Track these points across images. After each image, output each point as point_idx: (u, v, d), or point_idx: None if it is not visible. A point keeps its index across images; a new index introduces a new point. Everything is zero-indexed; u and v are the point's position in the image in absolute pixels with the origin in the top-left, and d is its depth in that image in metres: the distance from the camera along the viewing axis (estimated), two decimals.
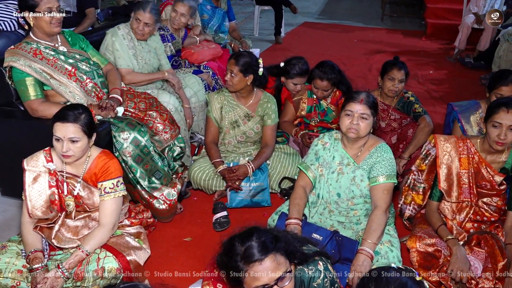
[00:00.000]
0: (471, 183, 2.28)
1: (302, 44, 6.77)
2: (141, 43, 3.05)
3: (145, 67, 3.07)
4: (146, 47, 3.07)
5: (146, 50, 3.07)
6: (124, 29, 3.00)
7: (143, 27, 2.96)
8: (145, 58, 3.05)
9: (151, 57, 3.10)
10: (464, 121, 2.81)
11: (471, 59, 5.87)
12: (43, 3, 2.34)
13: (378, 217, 2.09)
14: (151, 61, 3.10)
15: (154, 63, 3.14)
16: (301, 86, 3.16)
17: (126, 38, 2.97)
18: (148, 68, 3.09)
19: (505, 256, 2.09)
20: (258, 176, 2.73)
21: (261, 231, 1.37)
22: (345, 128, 2.16)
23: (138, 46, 3.02)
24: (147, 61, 3.07)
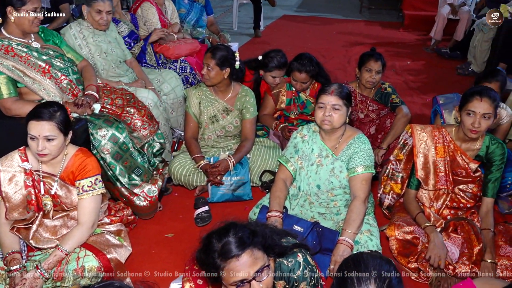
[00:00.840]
0: (447, 171, 2.33)
1: (282, 37, 6.77)
2: (99, 36, 2.97)
3: (107, 60, 2.99)
4: (105, 39, 2.99)
5: (106, 41, 2.99)
6: (76, 27, 2.91)
7: (107, 16, 2.90)
8: (106, 50, 2.97)
9: (113, 48, 3.03)
10: (447, 114, 2.85)
11: (448, 49, 5.97)
12: (30, 3, 2.31)
13: (357, 207, 2.12)
14: (114, 52, 3.03)
15: (118, 53, 3.07)
16: (279, 79, 3.16)
17: (78, 38, 2.89)
18: (112, 59, 3.02)
19: (480, 241, 2.15)
20: (239, 170, 2.73)
21: (238, 227, 1.37)
22: (319, 121, 2.18)
23: (94, 42, 2.93)
24: (110, 52, 2.99)
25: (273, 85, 3.18)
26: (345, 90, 2.18)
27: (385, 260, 1.25)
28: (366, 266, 1.20)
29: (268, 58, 3.13)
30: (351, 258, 1.27)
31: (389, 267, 1.21)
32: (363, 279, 1.17)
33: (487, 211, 2.26)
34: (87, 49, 2.91)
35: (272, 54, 3.14)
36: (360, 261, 1.22)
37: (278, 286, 1.55)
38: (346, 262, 1.25)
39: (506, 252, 2.17)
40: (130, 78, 3.13)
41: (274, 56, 3.12)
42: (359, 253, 1.28)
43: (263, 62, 3.16)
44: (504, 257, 2.15)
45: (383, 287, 1.16)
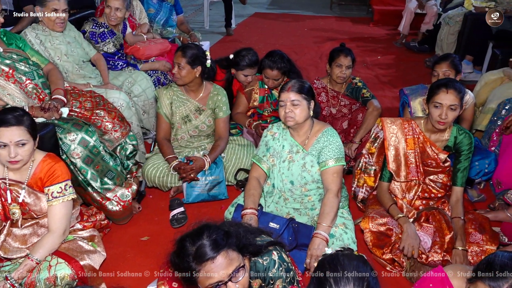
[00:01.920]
0: (418, 162, 2.38)
1: (254, 35, 6.77)
2: (57, 39, 2.88)
3: (69, 62, 2.92)
4: (63, 40, 2.91)
5: (65, 43, 2.92)
6: (31, 33, 2.82)
7: (63, 15, 2.85)
8: (66, 52, 2.90)
9: (73, 48, 2.96)
10: (413, 101, 2.91)
11: (416, 43, 6.09)
12: None
13: (330, 200, 2.14)
14: (75, 52, 2.96)
15: (80, 52, 3.00)
16: (251, 77, 3.16)
17: (35, 43, 2.80)
18: (74, 61, 2.95)
19: (451, 229, 2.20)
20: (214, 170, 2.71)
21: (212, 228, 1.36)
22: (283, 118, 2.20)
23: (52, 46, 2.86)
24: (71, 53, 2.92)
25: (245, 83, 3.18)
26: (303, 85, 2.19)
27: (362, 260, 1.27)
28: (343, 269, 1.21)
29: (239, 57, 3.12)
30: (327, 261, 1.27)
31: (365, 267, 1.23)
32: (341, 282, 1.18)
33: (457, 200, 2.32)
34: (47, 54, 2.83)
35: (243, 53, 3.13)
36: (337, 264, 1.23)
37: (254, 285, 1.55)
38: (323, 266, 1.25)
39: (476, 239, 2.23)
40: (99, 79, 3.07)
41: (245, 55, 3.11)
42: (334, 255, 1.29)
43: (234, 60, 3.15)
44: (474, 244, 2.21)
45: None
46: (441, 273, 1.53)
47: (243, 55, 3.12)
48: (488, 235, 2.24)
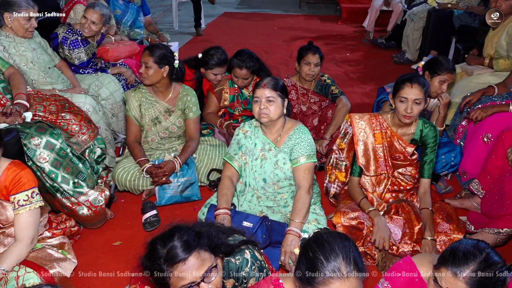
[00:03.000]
0: (386, 156, 2.43)
1: (224, 34, 6.76)
2: (22, 45, 2.80)
3: (35, 69, 2.84)
4: (29, 46, 2.84)
5: (30, 49, 2.84)
6: None
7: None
8: (32, 58, 2.82)
9: (39, 54, 2.88)
10: None
11: (383, 39, 6.22)
12: None
13: (302, 196, 2.16)
14: (41, 59, 2.88)
15: (45, 59, 2.93)
16: (221, 76, 3.16)
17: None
18: (41, 67, 2.88)
19: (420, 220, 2.26)
20: (186, 171, 2.69)
21: (183, 230, 1.35)
22: (257, 115, 2.20)
23: (17, 52, 2.78)
24: (36, 59, 2.85)
25: (215, 82, 3.17)
26: (278, 83, 2.21)
27: (343, 236, 1.30)
28: (330, 246, 1.24)
29: (208, 56, 3.11)
30: (312, 241, 1.30)
31: (349, 242, 1.27)
32: (331, 257, 1.21)
33: (425, 192, 2.38)
34: (12, 61, 2.74)
35: (212, 52, 3.13)
36: (323, 241, 1.26)
37: (228, 284, 1.55)
38: (310, 246, 1.28)
39: (443, 228, 2.30)
40: (64, 84, 3.00)
41: (214, 54, 3.11)
42: (318, 234, 1.31)
43: (203, 60, 3.14)
44: (442, 233, 2.28)
45: (350, 262, 1.21)
46: (409, 262, 1.58)
47: (212, 54, 3.11)
48: (455, 224, 2.31)
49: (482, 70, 3.43)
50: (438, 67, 2.70)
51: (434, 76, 2.71)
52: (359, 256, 1.26)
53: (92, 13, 3.22)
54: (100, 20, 3.28)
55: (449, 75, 2.70)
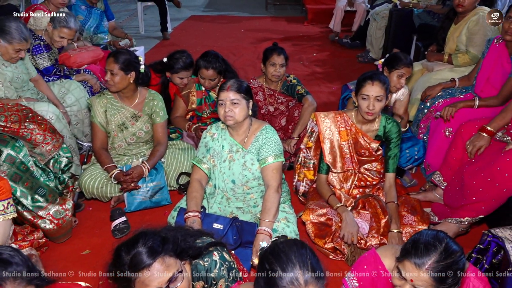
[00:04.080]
0: (352, 153, 2.49)
1: (191, 38, 6.74)
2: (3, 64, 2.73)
3: (11, 88, 2.76)
4: (12, 65, 2.78)
5: (13, 68, 2.78)
6: None
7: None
8: (11, 78, 2.76)
9: (19, 73, 2.82)
10: None
11: (348, 39, 6.34)
12: None
13: (271, 196, 2.19)
14: (20, 78, 2.82)
15: (24, 78, 2.87)
16: (187, 79, 3.15)
17: None
18: (17, 86, 2.81)
19: (386, 214, 2.33)
20: (154, 176, 2.67)
21: (148, 235, 1.35)
22: (222, 117, 2.21)
23: None
24: (15, 79, 2.79)
25: (181, 86, 3.16)
26: (242, 85, 2.23)
27: (299, 243, 1.31)
28: (287, 256, 1.24)
29: (173, 60, 3.10)
30: (269, 252, 1.30)
31: (305, 250, 1.28)
32: (288, 268, 1.21)
33: (390, 186, 2.45)
34: None
35: (177, 55, 3.12)
36: (279, 252, 1.27)
37: (197, 287, 1.55)
38: (267, 259, 1.28)
39: (408, 220, 2.37)
40: (30, 92, 2.92)
41: (179, 58, 3.10)
42: (274, 245, 1.32)
43: (168, 64, 3.13)
44: (407, 225, 2.35)
45: (307, 269, 1.22)
46: (373, 254, 1.62)
47: (177, 57, 3.11)
48: (419, 216, 2.38)
49: (442, 66, 3.55)
50: (395, 62, 2.82)
51: (392, 71, 2.82)
52: (317, 262, 1.27)
53: (68, 32, 3.18)
54: (73, 35, 3.25)
55: (406, 68, 2.80)
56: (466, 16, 3.35)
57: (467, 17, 3.35)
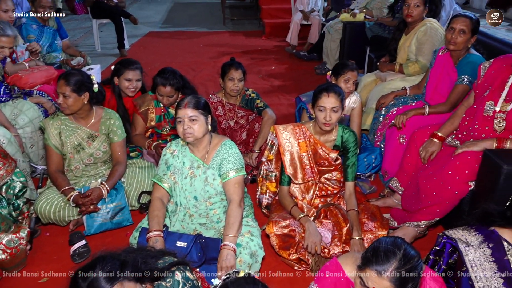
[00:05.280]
0: (312, 164, 2.53)
1: (149, 54, 6.68)
2: None
3: None
4: None
5: None
6: None
7: None
8: None
9: None
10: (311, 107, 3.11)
11: (306, 52, 6.48)
12: None
13: (234, 210, 2.19)
14: None
15: None
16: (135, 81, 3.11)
17: None
18: None
19: (347, 221, 2.38)
20: (114, 196, 2.61)
21: (106, 260, 1.30)
22: (181, 135, 2.21)
23: None
24: None
25: (131, 89, 3.10)
26: (200, 101, 2.23)
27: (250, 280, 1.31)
28: None
29: (119, 64, 3.11)
30: None
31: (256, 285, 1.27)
32: None
33: (350, 194, 2.51)
34: None
35: (122, 60, 3.15)
36: None
37: None
38: None
39: (369, 227, 2.43)
40: None
41: (123, 60, 3.14)
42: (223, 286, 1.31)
43: (115, 69, 3.11)
44: (368, 231, 2.40)
45: None
46: (335, 263, 1.65)
47: (122, 60, 3.13)
48: (379, 222, 2.45)
49: (394, 76, 3.70)
50: (340, 68, 2.99)
51: (339, 77, 2.96)
52: None
53: (7, 40, 3.01)
54: (12, 43, 3.10)
55: (350, 73, 2.94)
56: (416, 27, 3.53)
57: (416, 28, 3.52)
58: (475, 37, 2.80)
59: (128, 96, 3.19)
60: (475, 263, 1.72)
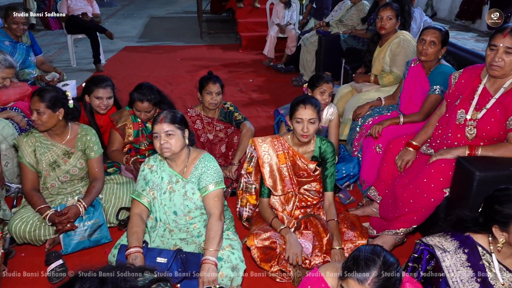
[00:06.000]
0: (291, 175, 2.55)
1: (126, 69, 6.64)
2: None
3: None
4: None
5: None
6: None
7: None
8: None
9: None
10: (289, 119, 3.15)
11: (283, 64, 6.56)
12: None
13: (214, 224, 2.18)
14: None
15: None
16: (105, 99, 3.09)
17: None
18: None
19: (327, 232, 2.39)
20: (92, 213, 2.56)
21: (84, 279, 1.27)
22: (159, 150, 2.20)
23: None
24: None
25: (102, 107, 3.08)
26: (176, 115, 2.22)
27: None
28: None
29: (89, 81, 3.09)
30: None
31: None
32: None
33: (329, 204, 2.54)
34: None
35: (92, 77, 3.14)
36: None
37: None
38: None
39: (349, 236, 2.45)
40: None
41: (94, 77, 3.12)
42: None
43: (86, 86, 3.09)
44: (348, 241, 2.43)
45: None
46: (317, 274, 1.66)
47: (93, 78, 3.12)
48: (358, 231, 2.48)
49: (369, 87, 3.78)
50: (315, 81, 3.05)
51: (314, 89, 3.01)
52: None
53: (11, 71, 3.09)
54: None
55: (325, 85, 2.99)
56: (389, 39, 3.62)
57: (390, 40, 3.62)
58: (445, 48, 2.90)
59: (100, 114, 3.16)
60: (452, 268, 1.75)
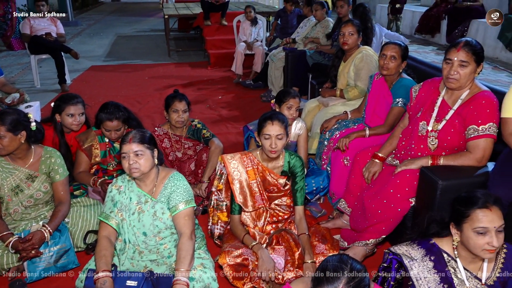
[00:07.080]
0: (261, 190, 2.56)
1: (92, 88, 6.54)
2: None
3: None
4: None
5: None
6: None
7: None
8: None
9: None
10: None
11: (251, 81, 6.63)
12: None
13: (185, 244, 2.15)
14: None
15: None
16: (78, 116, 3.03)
17: None
18: None
19: (299, 246, 2.40)
20: (58, 238, 2.48)
21: None
22: (127, 170, 2.17)
23: None
24: None
25: (75, 123, 3.02)
26: (145, 135, 2.21)
27: None
28: None
29: (58, 100, 3.03)
30: None
31: None
32: None
33: (300, 218, 2.55)
34: None
35: (61, 96, 3.07)
36: None
37: None
38: None
39: (320, 249, 2.47)
40: None
41: (63, 95, 3.05)
42: None
43: (56, 105, 3.02)
44: (320, 254, 2.44)
45: None
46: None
47: (62, 96, 3.05)
48: (329, 243, 2.50)
49: (336, 101, 3.86)
50: (282, 96, 3.09)
51: (281, 105, 3.06)
52: None
53: None
54: None
55: (292, 100, 3.05)
56: (352, 54, 3.73)
57: (353, 55, 3.72)
58: (405, 62, 3.01)
59: (73, 131, 3.10)
60: (419, 276, 1.79)
